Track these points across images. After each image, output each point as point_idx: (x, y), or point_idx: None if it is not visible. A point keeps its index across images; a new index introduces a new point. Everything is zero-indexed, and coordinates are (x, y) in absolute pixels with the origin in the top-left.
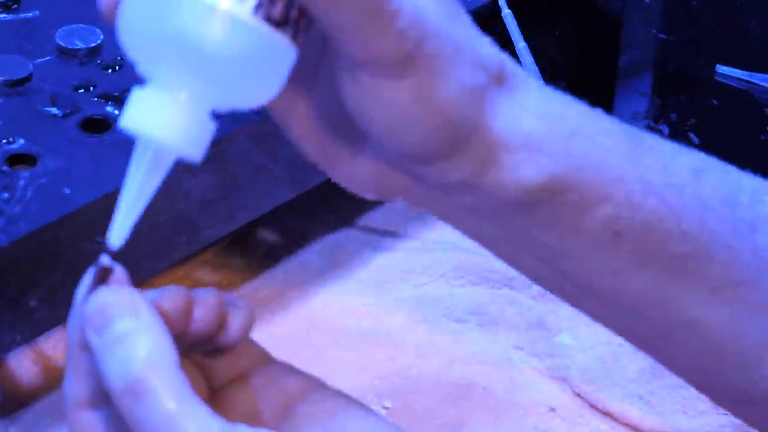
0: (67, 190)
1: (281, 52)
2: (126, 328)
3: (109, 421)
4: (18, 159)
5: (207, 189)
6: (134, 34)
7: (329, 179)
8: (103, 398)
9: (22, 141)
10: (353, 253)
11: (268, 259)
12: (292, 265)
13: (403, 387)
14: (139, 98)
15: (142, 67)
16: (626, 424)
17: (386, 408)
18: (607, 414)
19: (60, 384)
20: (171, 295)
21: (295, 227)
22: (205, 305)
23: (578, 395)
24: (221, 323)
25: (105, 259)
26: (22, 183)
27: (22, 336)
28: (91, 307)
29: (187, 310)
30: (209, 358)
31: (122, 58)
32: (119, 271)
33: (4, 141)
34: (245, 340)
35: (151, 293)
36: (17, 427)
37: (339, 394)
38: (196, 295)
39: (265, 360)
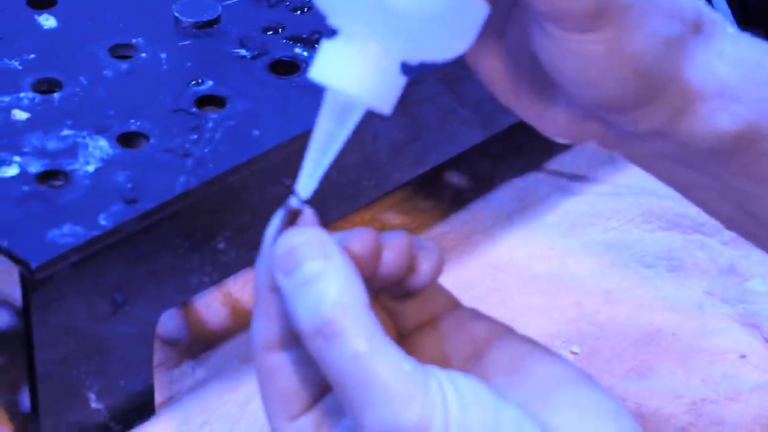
0: (255, 132)
1: (472, 6)
2: (316, 269)
3: (297, 363)
4: (207, 100)
5: (395, 132)
6: None
7: (518, 123)
8: (291, 340)
9: (210, 83)
10: (541, 196)
11: (456, 203)
12: (479, 208)
13: (590, 332)
14: (328, 49)
15: (332, 19)
16: None
17: (574, 353)
18: None
19: (247, 326)
20: (360, 237)
21: (483, 171)
22: (394, 247)
23: None
24: (411, 266)
25: (294, 201)
26: (210, 125)
27: (210, 278)
28: (280, 248)
29: (376, 252)
30: (398, 302)
31: (311, 0)
32: (308, 213)
33: (193, 83)
34: (433, 284)
35: (340, 235)
36: (204, 369)
37: (527, 340)
38: (385, 237)
39: (453, 305)
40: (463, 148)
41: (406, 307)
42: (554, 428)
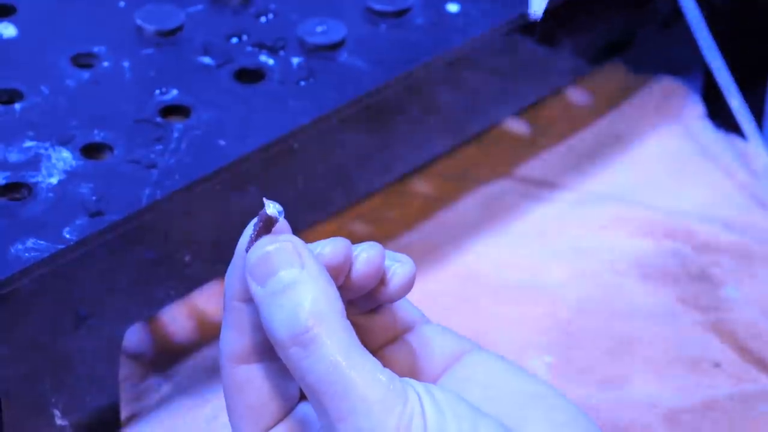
0: (221, 142)
1: None
2: (291, 277)
3: (266, 375)
4: (171, 110)
5: (362, 141)
6: None
7: (485, 130)
8: (260, 352)
9: (175, 92)
10: (510, 204)
11: (424, 212)
12: (447, 217)
13: (562, 342)
14: None
15: None
16: None
17: (547, 363)
18: None
19: (215, 339)
20: (332, 246)
21: (450, 179)
22: (366, 258)
23: (744, 350)
24: (382, 279)
25: (270, 209)
26: (175, 135)
27: (176, 291)
28: (253, 256)
29: (348, 262)
30: (366, 318)
31: (275, 6)
32: (282, 222)
33: (157, 92)
34: (402, 301)
35: (313, 245)
36: (171, 384)
37: (497, 356)
38: (357, 247)
39: (421, 321)
40: (430, 156)
41: (374, 323)
42: None
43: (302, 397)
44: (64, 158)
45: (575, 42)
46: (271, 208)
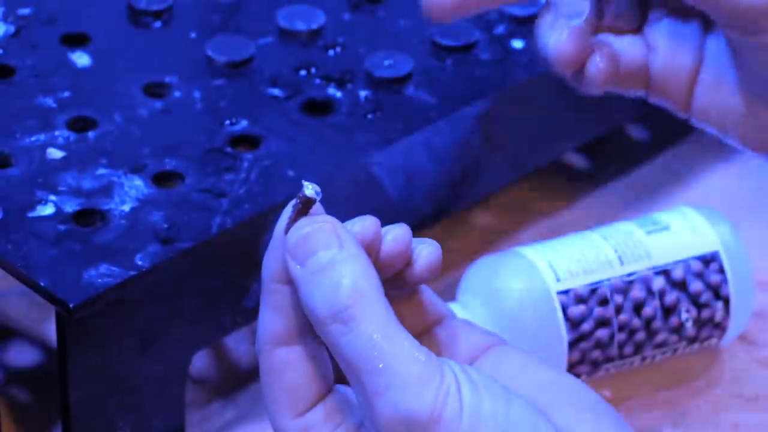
0: (290, 173)
1: None
2: (331, 256)
3: (305, 357)
4: (241, 140)
5: (429, 174)
6: None
7: (545, 164)
8: (298, 334)
9: (245, 123)
10: None
11: (484, 243)
12: (507, 248)
13: None
14: None
15: None
16: None
17: None
18: None
19: None
20: (363, 224)
21: (511, 211)
22: (394, 237)
23: None
24: (409, 259)
25: (308, 190)
26: (245, 165)
27: (243, 318)
28: (293, 237)
29: (378, 238)
30: (397, 305)
31: (343, 39)
32: (318, 205)
33: (228, 122)
34: (430, 294)
35: (343, 224)
36: (235, 408)
37: (521, 350)
38: (385, 228)
39: (450, 316)
40: (493, 189)
41: (404, 311)
42: (561, 428)
43: (338, 380)
44: (136, 186)
45: None
46: (310, 189)
